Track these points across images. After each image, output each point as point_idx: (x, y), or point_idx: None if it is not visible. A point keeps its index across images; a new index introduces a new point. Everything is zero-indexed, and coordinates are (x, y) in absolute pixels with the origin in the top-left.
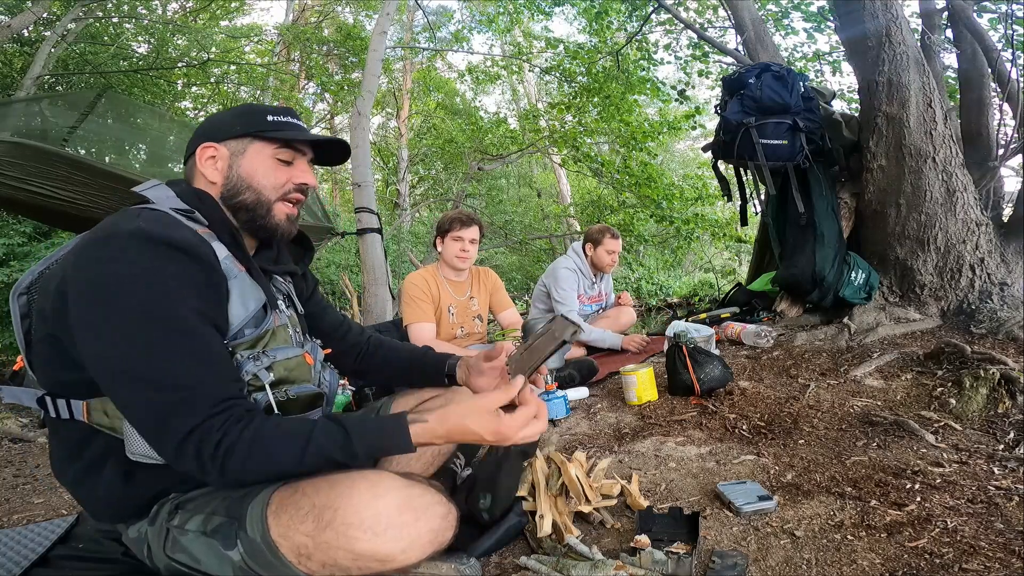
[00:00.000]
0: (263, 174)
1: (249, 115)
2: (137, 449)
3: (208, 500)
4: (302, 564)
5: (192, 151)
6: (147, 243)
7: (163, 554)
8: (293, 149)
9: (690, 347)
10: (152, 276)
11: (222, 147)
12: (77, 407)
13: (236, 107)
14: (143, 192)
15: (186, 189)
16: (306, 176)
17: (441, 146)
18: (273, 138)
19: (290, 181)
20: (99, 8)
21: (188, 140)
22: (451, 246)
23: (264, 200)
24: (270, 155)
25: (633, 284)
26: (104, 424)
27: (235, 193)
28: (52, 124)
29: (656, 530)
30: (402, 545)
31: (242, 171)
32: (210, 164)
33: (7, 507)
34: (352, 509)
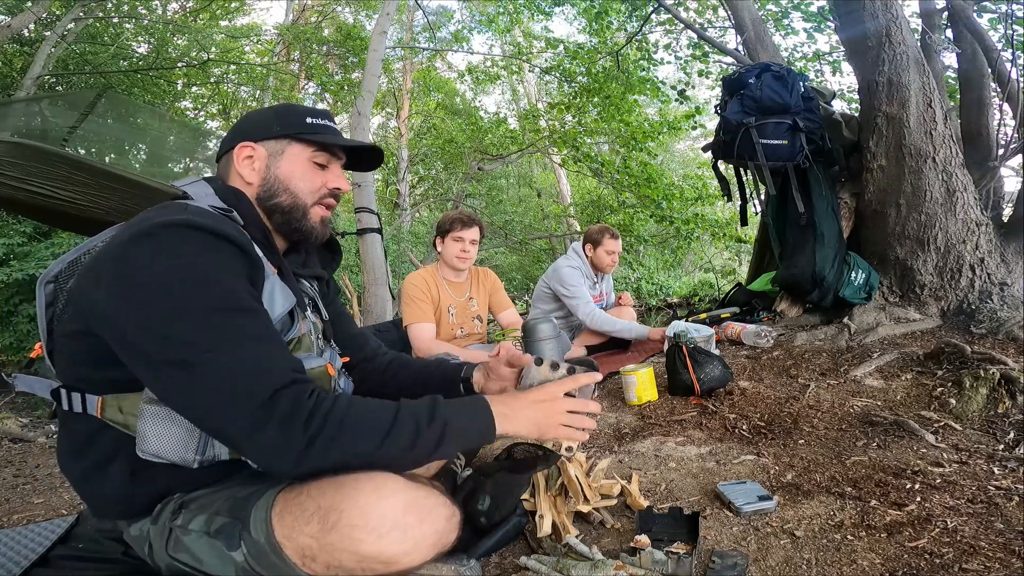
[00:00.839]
0: (300, 177)
1: (288, 115)
2: (148, 448)
3: (212, 500)
4: (306, 566)
5: (228, 148)
6: (199, 233)
7: (165, 553)
8: (329, 153)
9: (690, 347)
10: (210, 264)
11: (260, 147)
12: (92, 402)
13: (274, 106)
14: (184, 188)
15: (223, 187)
16: (340, 181)
17: (441, 146)
18: (311, 141)
19: (325, 185)
20: (99, 8)
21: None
22: (451, 246)
23: (301, 204)
24: (307, 158)
25: (633, 284)
26: (117, 421)
27: (271, 195)
28: (52, 124)
29: (656, 530)
30: (406, 547)
31: (280, 173)
32: (247, 164)
33: (7, 507)
34: (357, 511)
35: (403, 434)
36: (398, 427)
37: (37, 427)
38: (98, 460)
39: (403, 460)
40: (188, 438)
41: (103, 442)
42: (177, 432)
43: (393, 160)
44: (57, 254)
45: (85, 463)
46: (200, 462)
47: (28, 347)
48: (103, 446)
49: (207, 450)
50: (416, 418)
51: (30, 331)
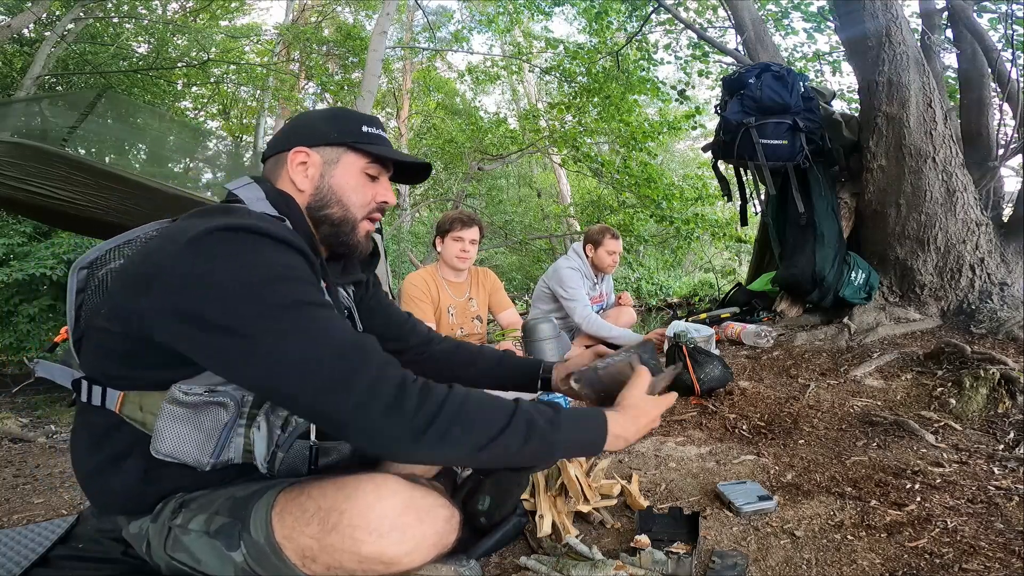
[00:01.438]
0: (353, 189)
1: (346, 122)
2: (163, 448)
3: (212, 500)
4: (306, 567)
5: (281, 149)
6: (262, 238)
7: (163, 552)
8: (381, 165)
9: (690, 347)
10: (285, 265)
11: (315, 154)
12: (112, 397)
13: (329, 110)
14: (236, 191)
15: (274, 192)
16: (389, 194)
17: (441, 146)
18: (366, 151)
19: (374, 199)
20: (99, 8)
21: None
22: (451, 246)
23: (351, 217)
24: (360, 169)
25: (633, 284)
26: (135, 418)
27: (323, 205)
28: (52, 124)
29: (656, 530)
30: (407, 547)
31: (333, 183)
32: (301, 170)
33: (7, 507)
34: (357, 511)
35: (515, 435)
36: (513, 427)
37: (37, 427)
38: (112, 455)
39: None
40: (205, 442)
41: (119, 438)
42: (194, 435)
43: None
44: (57, 254)
45: (99, 457)
46: (213, 465)
47: (28, 347)
48: (119, 442)
49: (222, 454)
50: (531, 421)
51: (30, 331)
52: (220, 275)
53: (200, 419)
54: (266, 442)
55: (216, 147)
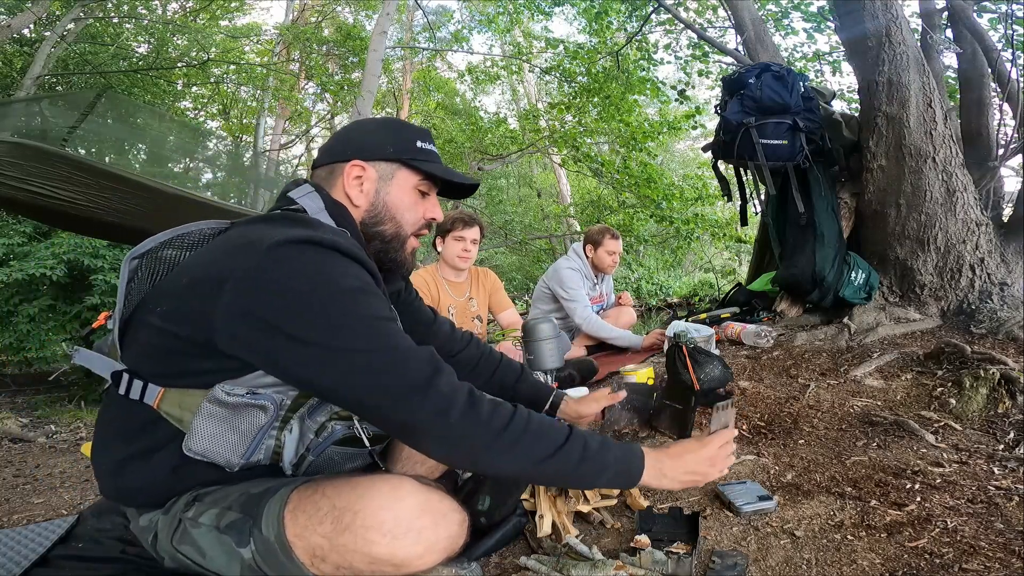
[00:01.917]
0: (407, 207)
1: (400, 136)
2: (196, 447)
3: (225, 495)
4: (315, 566)
5: (338, 160)
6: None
7: (169, 544)
8: (432, 182)
9: (690, 347)
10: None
11: (371, 168)
12: (152, 392)
13: (385, 121)
14: (299, 199)
15: (332, 203)
16: (437, 211)
17: (441, 146)
18: (420, 169)
19: (424, 216)
20: (99, 8)
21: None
22: (453, 246)
23: (403, 235)
24: (413, 186)
25: (633, 284)
26: (172, 414)
27: (377, 221)
28: (52, 124)
29: (656, 530)
30: (420, 550)
31: (388, 200)
32: (356, 184)
33: (7, 507)
34: (372, 512)
35: (572, 454)
36: (570, 447)
37: (37, 427)
38: (144, 449)
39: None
40: (239, 443)
41: (153, 433)
42: (229, 436)
43: None
44: (57, 254)
45: (130, 449)
46: (242, 467)
47: (28, 347)
48: (152, 437)
49: (253, 455)
50: (585, 445)
51: (30, 331)
52: (301, 286)
53: (237, 420)
54: (296, 445)
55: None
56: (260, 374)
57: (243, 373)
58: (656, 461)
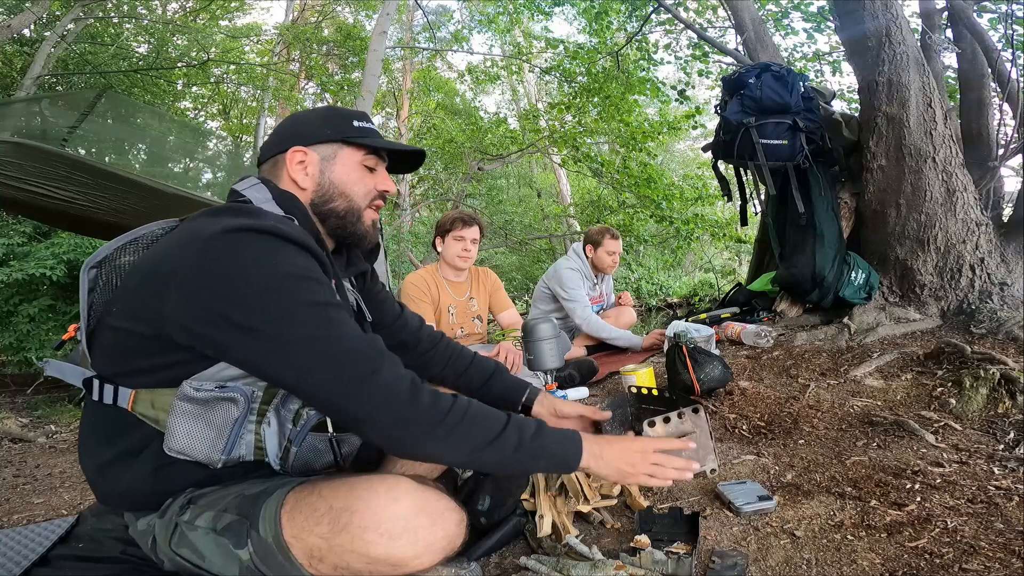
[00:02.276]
0: (354, 181)
1: (337, 119)
2: (175, 445)
3: (221, 497)
4: (313, 567)
5: (277, 152)
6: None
7: (168, 548)
8: (377, 156)
9: (690, 347)
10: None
11: (312, 152)
12: (124, 395)
13: (319, 109)
14: (244, 191)
15: (279, 192)
16: (388, 183)
17: (441, 146)
18: (361, 144)
19: (375, 188)
20: (99, 8)
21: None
22: (453, 246)
23: (356, 207)
24: (358, 162)
25: (633, 284)
26: (147, 415)
27: (327, 200)
28: (52, 124)
29: (656, 530)
30: (417, 550)
31: (334, 177)
32: (300, 169)
33: (7, 507)
34: (369, 512)
35: (508, 442)
36: (507, 434)
37: (37, 427)
38: (124, 452)
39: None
40: (216, 438)
41: (131, 435)
42: (206, 432)
43: None
44: (57, 254)
45: (111, 453)
46: (225, 462)
47: (28, 347)
48: (131, 439)
49: (233, 450)
50: (521, 432)
51: (30, 331)
52: (243, 275)
53: (211, 415)
54: (277, 438)
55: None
56: (224, 366)
57: (206, 367)
58: (594, 446)
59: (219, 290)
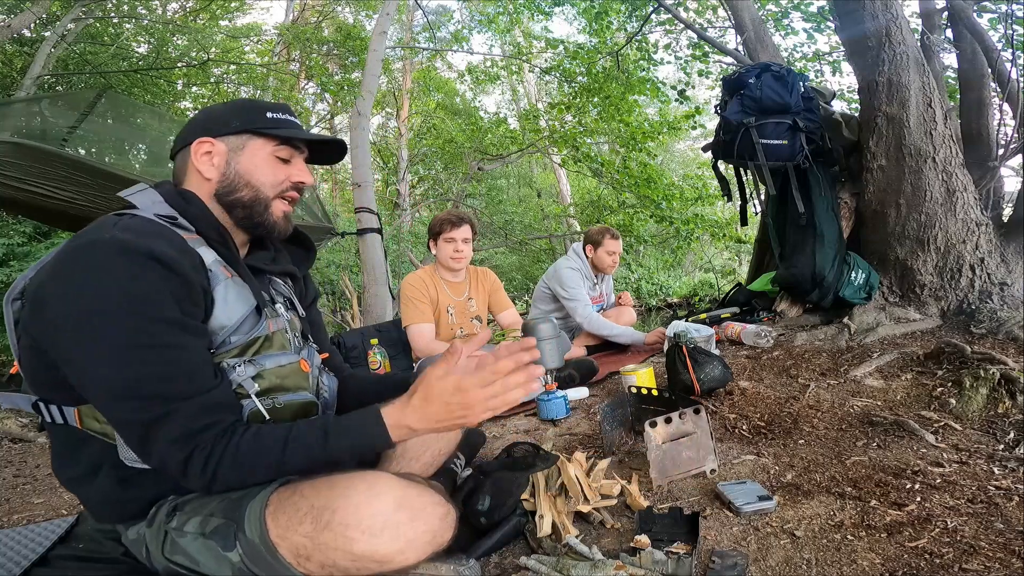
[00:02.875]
0: (262, 171)
1: (247, 111)
2: (129, 455)
3: (206, 502)
4: (301, 565)
5: (184, 144)
6: (121, 254)
7: (161, 556)
8: (292, 147)
9: (690, 347)
10: (127, 289)
11: (219, 143)
12: (69, 413)
13: (232, 102)
14: (129, 198)
15: (170, 191)
16: (304, 175)
17: (441, 146)
18: (272, 135)
19: (288, 179)
20: (99, 8)
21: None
22: (444, 248)
23: (262, 197)
24: (269, 153)
25: (633, 284)
26: (96, 430)
27: (232, 190)
28: (52, 124)
29: (656, 530)
30: (399, 545)
31: (240, 168)
32: (206, 160)
33: (7, 507)
34: (350, 509)
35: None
36: (289, 455)
37: (37, 428)
38: (87, 467)
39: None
40: None
41: (89, 450)
42: None
43: (393, 160)
44: None
45: (76, 470)
46: None
47: None
48: (89, 454)
49: None
50: (306, 444)
51: None
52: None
53: None
54: None
55: None
56: None
57: None
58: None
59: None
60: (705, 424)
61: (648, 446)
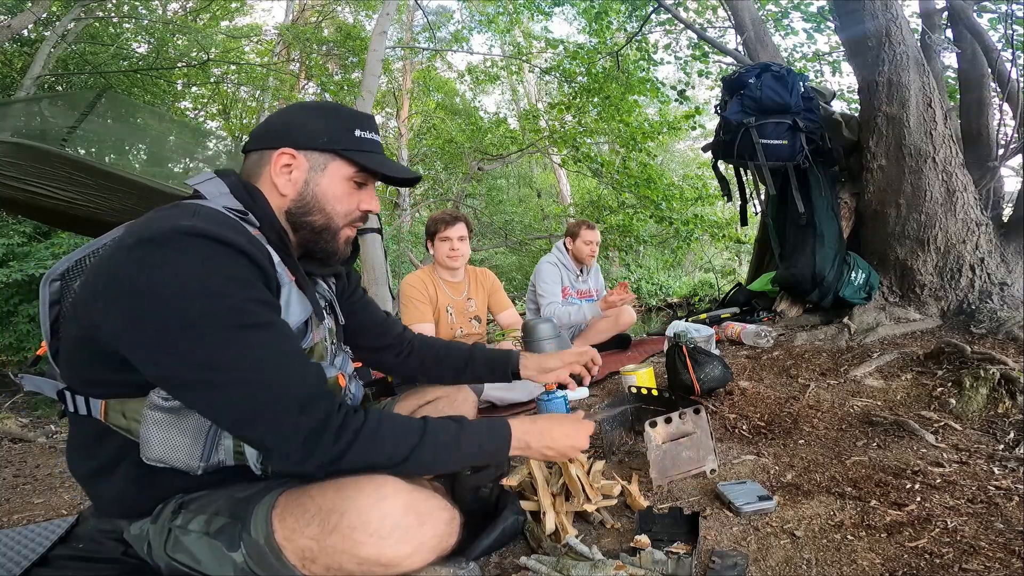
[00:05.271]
0: (338, 199)
1: (338, 126)
2: (152, 454)
3: (212, 500)
4: (306, 568)
5: (267, 147)
6: (207, 242)
7: (164, 553)
8: (369, 173)
9: (690, 347)
10: (220, 276)
11: (302, 157)
12: (95, 405)
13: (323, 107)
14: (198, 186)
15: (236, 183)
16: (373, 202)
17: (441, 146)
18: (355, 161)
19: (358, 207)
20: (99, 8)
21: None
22: (441, 248)
23: (333, 227)
24: (347, 177)
25: (633, 284)
26: (120, 425)
27: (305, 212)
28: (52, 124)
29: (656, 530)
30: (407, 549)
31: (318, 190)
32: (284, 172)
33: (7, 507)
34: (357, 513)
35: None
36: (425, 442)
37: (37, 427)
38: (105, 462)
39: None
40: (193, 445)
41: (109, 445)
42: (181, 439)
43: (393, 160)
44: (57, 254)
45: (92, 464)
46: (205, 468)
47: (28, 347)
48: (109, 449)
49: (212, 456)
50: (440, 437)
51: (30, 331)
52: (159, 288)
53: (183, 423)
54: None
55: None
56: None
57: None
58: (523, 435)
59: (137, 300)
60: (705, 424)
61: (648, 446)
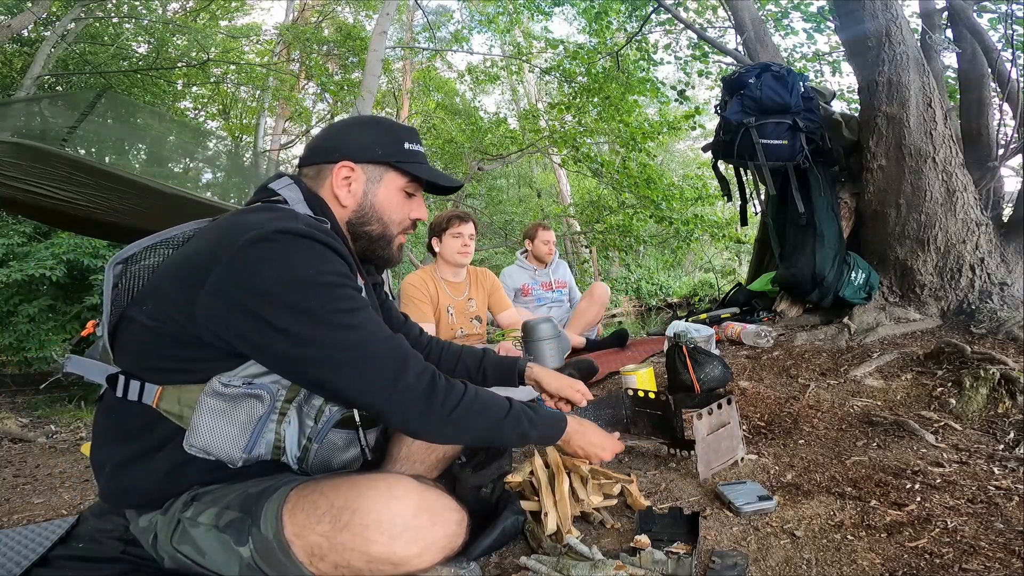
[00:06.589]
0: (393, 208)
1: (389, 138)
2: (197, 442)
3: (224, 494)
4: (313, 565)
5: (326, 161)
6: (310, 243)
7: (169, 544)
8: (418, 182)
9: (690, 347)
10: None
11: (359, 170)
12: (150, 392)
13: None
14: (280, 191)
15: (308, 192)
16: (422, 210)
17: (441, 146)
18: (407, 172)
19: (409, 215)
20: (99, 8)
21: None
22: (451, 243)
23: (389, 235)
24: (400, 187)
25: (633, 284)
26: (172, 412)
27: (364, 222)
28: (52, 124)
29: (656, 530)
30: (417, 549)
31: (376, 201)
32: (344, 185)
33: (7, 507)
34: (371, 511)
35: (509, 424)
36: (510, 418)
37: (37, 427)
38: (144, 449)
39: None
40: (239, 436)
41: (153, 432)
42: (229, 429)
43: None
44: (57, 254)
45: (129, 450)
46: (245, 461)
47: (28, 347)
48: (152, 436)
49: (254, 449)
50: (518, 415)
51: (30, 331)
52: (279, 278)
53: (235, 412)
54: (296, 436)
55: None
56: (250, 364)
57: (234, 365)
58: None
59: (257, 290)
60: (735, 413)
61: (696, 438)
